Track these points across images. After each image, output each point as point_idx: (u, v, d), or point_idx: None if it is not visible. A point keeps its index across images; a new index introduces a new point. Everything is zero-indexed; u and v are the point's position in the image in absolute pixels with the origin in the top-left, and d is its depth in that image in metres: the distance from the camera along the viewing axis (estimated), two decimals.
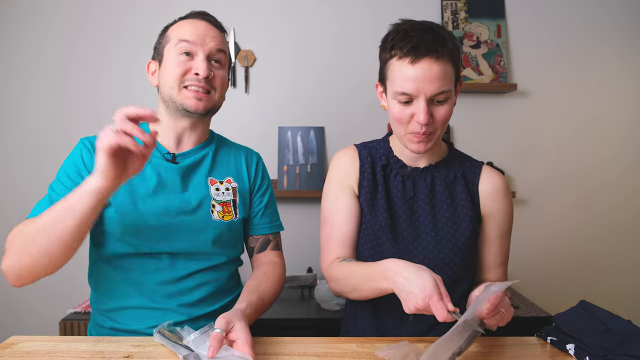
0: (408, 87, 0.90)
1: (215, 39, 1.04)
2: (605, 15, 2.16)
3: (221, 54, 1.05)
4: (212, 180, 1.08)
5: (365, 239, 1.04)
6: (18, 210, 2.07)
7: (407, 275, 0.80)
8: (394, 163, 1.06)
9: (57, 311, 1.97)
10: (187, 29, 1.03)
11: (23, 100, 2.06)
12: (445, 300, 0.75)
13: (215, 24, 1.07)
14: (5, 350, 0.82)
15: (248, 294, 0.97)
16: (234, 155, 1.16)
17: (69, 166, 1.02)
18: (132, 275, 1.01)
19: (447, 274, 0.99)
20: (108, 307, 1.03)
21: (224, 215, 1.07)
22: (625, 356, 0.76)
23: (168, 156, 1.05)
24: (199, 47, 1.01)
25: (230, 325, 0.81)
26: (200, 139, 1.10)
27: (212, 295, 1.06)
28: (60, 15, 2.05)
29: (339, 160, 1.09)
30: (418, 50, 0.89)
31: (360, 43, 2.11)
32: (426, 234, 1.01)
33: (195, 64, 1.01)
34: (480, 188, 1.05)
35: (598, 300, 1.01)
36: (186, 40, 1.01)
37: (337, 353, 0.83)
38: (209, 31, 1.04)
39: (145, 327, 1.00)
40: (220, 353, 0.76)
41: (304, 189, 2.07)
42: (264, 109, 2.12)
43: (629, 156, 2.20)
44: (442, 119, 0.94)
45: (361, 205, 1.05)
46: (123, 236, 1.00)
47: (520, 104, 2.17)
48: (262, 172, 1.19)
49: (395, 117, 0.96)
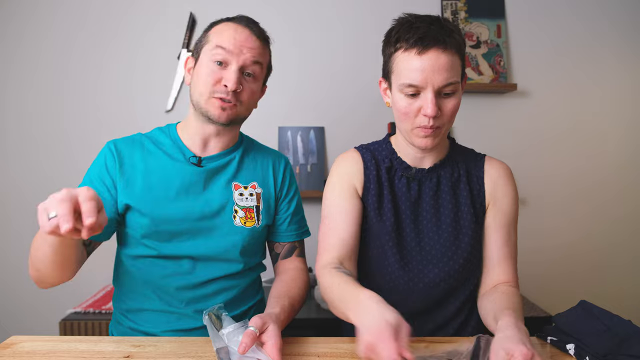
0: (415, 78, 0.88)
1: (253, 50, 1.00)
2: (604, 16, 2.16)
3: (256, 66, 1.01)
4: (236, 185, 1.06)
5: (370, 242, 1.03)
6: (18, 209, 2.07)
7: (374, 313, 0.70)
8: (397, 165, 1.03)
9: (57, 311, 1.97)
10: (226, 35, 1.00)
11: (22, 100, 2.06)
12: (398, 344, 0.65)
13: (257, 33, 1.03)
14: (5, 350, 0.82)
15: (279, 299, 0.95)
16: (261, 160, 1.13)
17: (94, 171, 1.01)
18: (152, 278, 1.01)
19: (450, 279, 0.99)
20: (127, 307, 1.04)
21: (246, 221, 1.05)
22: (626, 356, 0.76)
23: (194, 160, 1.04)
24: (234, 56, 0.98)
25: (264, 326, 0.80)
26: (227, 144, 1.08)
27: (230, 302, 1.04)
28: (59, 15, 2.05)
29: (342, 163, 1.06)
30: (425, 40, 0.86)
31: (360, 43, 2.11)
32: (429, 237, 1.00)
33: (226, 74, 0.98)
34: (486, 178, 1.03)
35: (598, 300, 1.01)
36: (222, 47, 0.98)
37: (337, 353, 0.83)
38: (248, 41, 1.00)
39: (161, 330, 1.01)
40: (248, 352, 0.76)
41: (304, 189, 2.07)
42: (264, 109, 2.11)
43: (628, 155, 2.20)
44: (450, 112, 0.91)
45: (367, 209, 1.02)
46: (144, 239, 1.00)
47: (520, 104, 2.17)
48: (290, 178, 1.16)
49: (402, 111, 0.93)
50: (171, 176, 1.02)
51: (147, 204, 0.99)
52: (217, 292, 1.03)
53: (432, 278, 0.98)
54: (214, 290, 1.03)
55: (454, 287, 0.99)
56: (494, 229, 1.02)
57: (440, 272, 0.98)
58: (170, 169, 1.02)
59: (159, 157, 1.03)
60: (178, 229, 1.00)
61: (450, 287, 0.99)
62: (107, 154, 1.02)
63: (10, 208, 2.07)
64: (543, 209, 2.18)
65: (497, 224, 1.01)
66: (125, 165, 1.01)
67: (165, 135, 1.07)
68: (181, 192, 1.01)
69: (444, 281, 0.98)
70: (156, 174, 1.01)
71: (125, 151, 1.02)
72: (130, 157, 1.02)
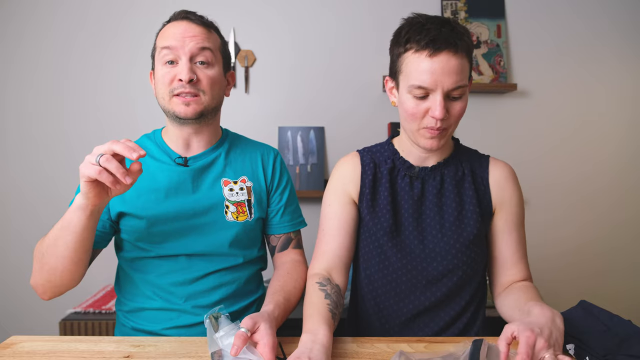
0: (425, 80, 0.88)
1: (196, 37, 0.99)
2: (605, 16, 2.16)
3: (206, 52, 1.00)
4: (225, 181, 1.07)
5: (367, 244, 1.03)
6: (18, 209, 2.07)
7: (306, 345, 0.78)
8: (400, 165, 1.04)
9: (57, 311, 1.97)
10: (168, 34, 1.00)
11: (22, 100, 2.06)
12: None
13: (197, 21, 1.02)
14: (5, 350, 0.82)
15: (274, 295, 0.95)
16: (249, 154, 1.13)
17: None
18: (150, 277, 1.02)
19: (452, 275, 0.99)
20: (129, 308, 1.05)
21: (238, 215, 1.06)
22: (626, 356, 0.76)
23: (179, 160, 1.05)
24: (180, 50, 0.98)
25: (256, 326, 0.80)
26: (210, 141, 1.09)
27: (229, 297, 1.05)
28: (59, 15, 2.05)
29: (340, 169, 1.08)
30: (437, 43, 0.86)
31: (360, 43, 2.11)
32: (432, 235, 1.00)
33: (178, 68, 0.98)
34: (491, 180, 1.04)
35: (598, 300, 1.01)
36: (167, 47, 0.99)
37: (337, 353, 0.83)
38: (188, 31, 0.99)
39: (162, 328, 1.01)
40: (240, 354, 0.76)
41: (304, 189, 2.07)
42: (264, 109, 2.12)
43: (628, 155, 2.20)
44: (457, 115, 0.92)
45: (362, 212, 1.03)
46: (138, 242, 1.02)
47: (520, 104, 2.17)
48: (281, 169, 1.16)
49: (409, 112, 0.93)
50: (159, 178, 1.03)
51: (138, 208, 1.00)
52: (216, 287, 1.04)
53: (435, 275, 0.98)
54: (212, 285, 1.04)
55: (457, 285, 0.99)
56: (506, 232, 1.03)
57: (444, 269, 0.98)
58: (157, 172, 1.03)
59: (146, 163, 1.04)
60: (171, 229, 1.01)
61: (453, 284, 0.99)
62: None
63: (10, 208, 2.07)
64: (543, 208, 2.18)
65: (508, 226, 1.03)
66: None
67: (151, 141, 1.09)
68: (170, 193, 1.02)
69: (447, 277, 0.98)
70: (145, 178, 1.02)
71: None
72: None
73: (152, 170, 1.04)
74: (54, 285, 0.93)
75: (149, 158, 1.06)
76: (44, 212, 2.04)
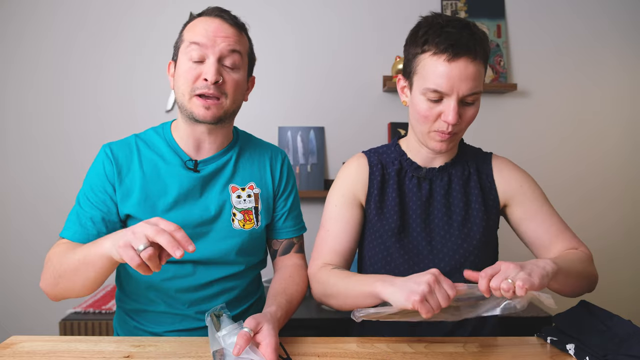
0: (441, 84, 0.87)
1: (228, 38, 0.96)
2: (605, 16, 2.16)
3: (235, 55, 0.97)
4: (233, 188, 1.05)
5: (373, 244, 1.03)
6: (18, 209, 2.07)
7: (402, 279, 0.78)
8: (407, 166, 1.03)
9: (57, 311, 1.97)
10: (198, 29, 0.96)
11: (22, 100, 2.06)
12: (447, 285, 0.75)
13: (230, 21, 0.98)
14: (5, 350, 0.82)
15: (276, 297, 0.95)
16: (258, 158, 1.11)
17: (94, 178, 1.00)
18: (154, 282, 1.01)
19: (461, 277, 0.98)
20: (131, 308, 1.04)
21: (245, 223, 1.04)
22: (626, 356, 0.76)
23: (190, 164, 1.02)
24: (210, 49, 0.94)
25: (258, 327, 0.80)
26: (222, 143, 1.06)
27: (231, 302, 1.04)
28: (59, 15, 2.05)
29: (347, 170, 1.06)
30: (456, 48, 0.85)
31: (360, 43, 2.11)
32: (440, 236, 1.00)
33: (204, 68, 0.95)
34: (496, 176, 1.04)
35: (598, 300, 1.01)
36: (196, 43, 0.95)
37: (337, 353, 0.83)
38: (221, 30, 0.96)
39: (164, 330, 1.01)
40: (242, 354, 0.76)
41: (304, 189, 2.07)
42: (264, 109, 2.12)
43: (627, 155, 2.20)
44: (469, 120, 0.92)
45: (370, 214, 1.03)
46: None
47: (520, 104, 2.17)
48: (288, 173, 1.14)
49: (422, 114, 0.92)
50: (168, 183, 1.01)
51: (146, 213, 0.98)
52: (219, 294, 1.03)
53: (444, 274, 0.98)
54: (216, 292, 1.03)
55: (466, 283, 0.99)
56: (529, 217, 1.01)
57: (451, 269, 0.98)
58: (167, 175, 1.01)
59: (155, 162, 1.02)
60: None
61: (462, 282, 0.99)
62: (104, 160, 1.01)
63: (10, 208, 2.07)
64: None
65: (530, 211, 1.01)
66: (123, 173, 1.00)
67: (159, 136, 1.05)
68: (179, 199, 1.00)
69: (454, 277, 0.98)
70: (153, 181, 1.00)
71: (121, 157, 1.01)
72: (127, 164, 1.01)
73: (161, 173, 1.01)
74: (65, 296, 0.93)
75: (159, 158, 1.02)
76: (44, 212, 2.04)
